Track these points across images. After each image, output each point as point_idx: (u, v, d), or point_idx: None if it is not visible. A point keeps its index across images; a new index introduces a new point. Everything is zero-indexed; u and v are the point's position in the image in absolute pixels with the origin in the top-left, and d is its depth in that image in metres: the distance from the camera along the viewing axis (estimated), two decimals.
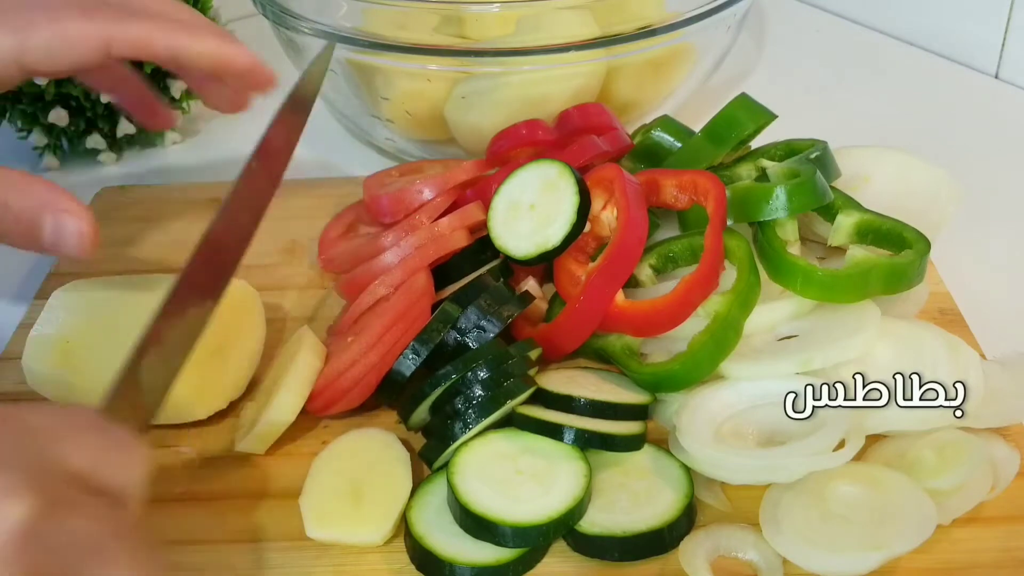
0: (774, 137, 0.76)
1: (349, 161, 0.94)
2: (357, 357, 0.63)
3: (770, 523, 0.56)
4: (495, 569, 0.55)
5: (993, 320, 0.71)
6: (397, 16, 0.82)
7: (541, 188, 0.68)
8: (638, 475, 0.59)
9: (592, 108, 0.78)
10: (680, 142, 0.78)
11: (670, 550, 0.56)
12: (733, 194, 0.68)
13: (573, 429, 0.59)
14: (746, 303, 0.63)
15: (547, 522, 0.55)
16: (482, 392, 0.59)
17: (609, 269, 0.65)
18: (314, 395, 0.63)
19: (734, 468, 0.58)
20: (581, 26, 0.80)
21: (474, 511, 0.55)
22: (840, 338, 0.62)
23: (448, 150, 0.89)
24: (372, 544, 0.57)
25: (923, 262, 0.64)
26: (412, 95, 0.84)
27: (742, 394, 0.62)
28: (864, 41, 1.12)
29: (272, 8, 0.85)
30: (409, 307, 0.65)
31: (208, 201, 0.86)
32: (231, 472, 0.63)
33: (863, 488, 0.56)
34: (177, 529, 0.59)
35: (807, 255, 0.68)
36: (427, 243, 0.70)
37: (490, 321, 0.64)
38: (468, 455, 0.58)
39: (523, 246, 0.68)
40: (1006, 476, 0.59)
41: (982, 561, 0.55)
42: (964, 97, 1.01)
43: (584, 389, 0.62)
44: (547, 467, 0.58)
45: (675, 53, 0.86)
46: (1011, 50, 1.00)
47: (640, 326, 0.64)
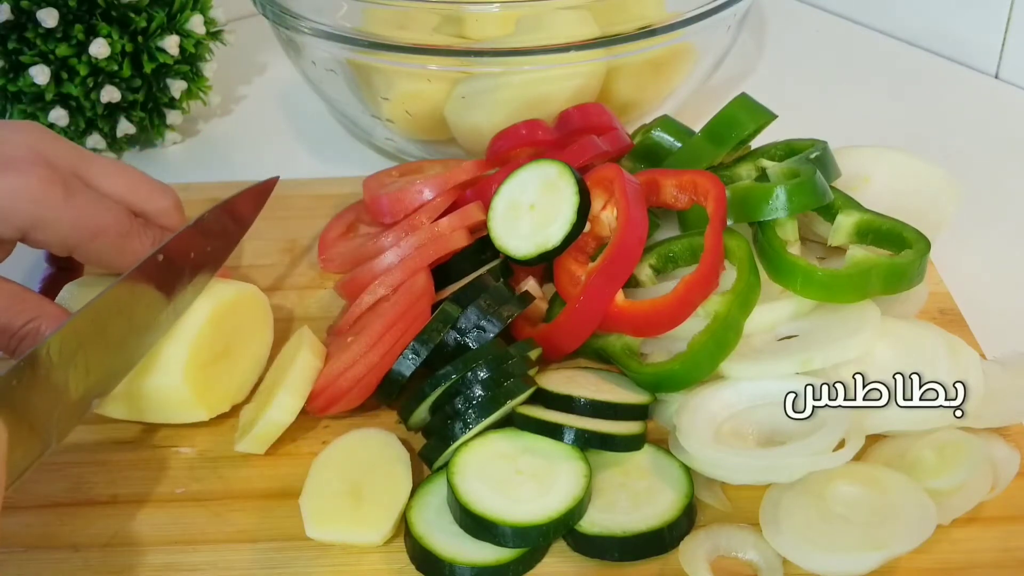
0: (774, 137, 0.76)
1: (349, 161, 0.94)
2: (357, 357, 0.63)
3: (770, 523, 0.56)
4: (495, 569, 0.55)
5: (993, 320, 0.71)
6: (397, 16, 0.82)
7: (541, 188, 0.68)
8: (638, 475, 0.59)
9: (592, 108, 0.78)
10: (680, 142, 0.78)
11: (670, 550, 0.56)
12: (733, 194, 0.68)
13: (573, 429, 0.59)
14: (746, 303, 0.63)
15: (547, 522, 0.55)
16: (482, 392, 0.59)
17: (609, 269, 0.65)
18: (314, 395, 0.63)
19: (734, 468, 0.58)
20: (581, 26, 0.80)
21: (474, 511, 0.55)
22: (840, 338, 0.62)
23: (448, 150, 0.89)
24: (372, 544, 0.57)
25: (923, 262, 0.64)
26: (412, 95, 0.84)
27: (742, 394, 0.62)
28: (864, 41, 1.12)
29: (272, 8, 0.85)
30: (409, 307, 0.65)
31: (208, 201, 0.86)
32: (231, 472, 0.62)
33: (863, 488, 0.56)
34: (177, 529, 0.59)
35: (807, 255, 0.68)
36: (427, 243, 0.70)
37: (490, 321, 0.64)
38: (468, 455, 0.58)
39: (523, 246, 0.68)
40: (1006, 476, 0.59)
41: (982, 561, 0.55)
42: (964, 97, 1.01)
43: (584, 389, 0.62)
44: (547, 467, 0.58)
45: (675, 53, 0.86)
46: (1011, 50, 1.00)
47: (640, 326, 0.64)
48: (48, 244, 0.62)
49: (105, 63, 0.87)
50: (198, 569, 0.57)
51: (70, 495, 0.61)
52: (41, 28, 0.85)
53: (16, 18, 0.85)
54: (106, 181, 0.64)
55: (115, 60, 0.87)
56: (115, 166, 0.65)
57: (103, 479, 0.62)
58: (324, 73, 0.87)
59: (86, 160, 0.64)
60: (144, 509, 0.60)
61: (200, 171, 0.94)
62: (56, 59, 0.86)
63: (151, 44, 0.89)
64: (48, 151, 0.62)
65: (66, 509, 0.60)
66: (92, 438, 0.64)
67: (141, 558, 0.57)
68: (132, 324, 0.60)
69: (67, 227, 0.61)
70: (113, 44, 0.86)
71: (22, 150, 0.61)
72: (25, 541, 0.58)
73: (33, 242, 0.62)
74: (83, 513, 0.60)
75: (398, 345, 0.64)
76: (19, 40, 0.85)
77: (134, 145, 0.97)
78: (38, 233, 0.61)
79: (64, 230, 0.61)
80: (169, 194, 0.67)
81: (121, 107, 0.91)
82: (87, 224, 0.61)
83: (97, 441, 0.64)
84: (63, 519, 0.60)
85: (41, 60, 0.86)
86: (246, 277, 0.78)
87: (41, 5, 0.84)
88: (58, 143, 0.63)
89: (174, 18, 0.90)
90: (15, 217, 0.60)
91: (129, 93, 0.90)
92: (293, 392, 0.62)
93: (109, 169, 0.65)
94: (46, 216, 0.60)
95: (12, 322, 0.59)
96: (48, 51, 0.85)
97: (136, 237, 0.64)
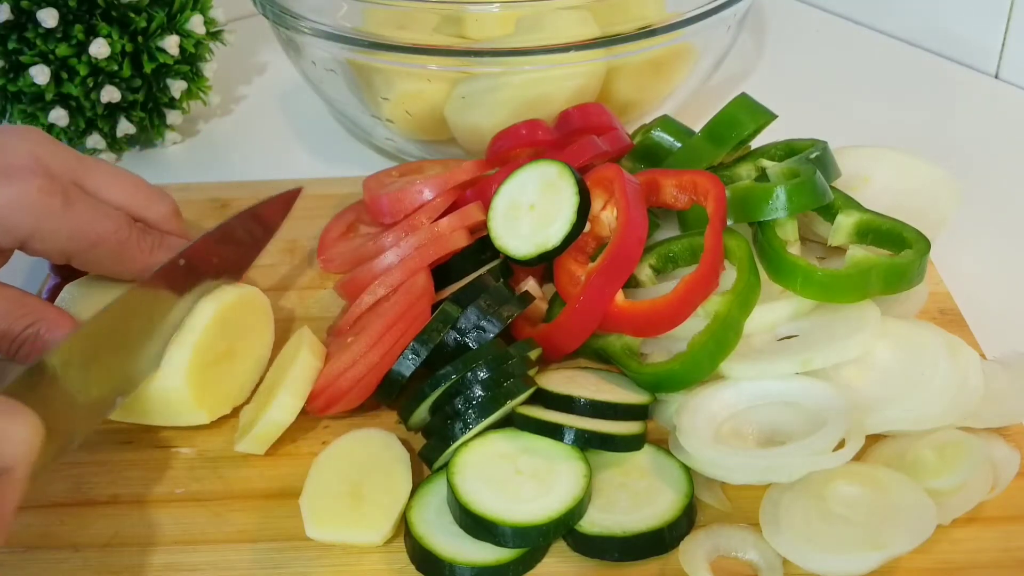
0: (774, 137, 0.76)
1: (349, 161, 0.94)
2: (357, 357, 0.63)
3: (770, 523, 0.56)
4: (495, 569, 0.55)
5: (993, 320, 0.71)
6: (397, 16, 0.82)
7: (541, 188, 0.68)
8: (638, 475, 0.59)
9: (592, 108, 0.78)
10: (680, 142, 0.78)
11: (670, 550, 0.56)
12: (733, 194, 0.68)
13: (573, 429, 0.59)
14: (746, 303, 0.63)
15: (547, 522, 0.55)
16: (482, 392, 0.59)
17: (609, 269, 0.65)
18: (314, 395, 0.63)
19: (734, 468, 0.58)
20: (581, 26, 0.80)
21: (474, 511, 0.55)
22: (840, 338, 0.62)
23: (448, 150, 0.89)
24: (372, 544, 0.57)
25: (923, 262, 0.64)
26: (412, 95, 0.84)
27: (742, 394, 0.62)
28: (864, 41, 1.12)
29: (272, 8, 0.85)
30: (409, 307, 0.65)
31: (208, 201, 0.86)
32: (231, 472, 0.63)
33: (863, 488, 0.56)
34: (177, 529, 0.59)
35: (807, 255, 0.68)
36: (427, 243, 0.70)
37: (490, 321, 0.64)
38: (468, 455, 0.58)
39: (523, 247, 0.68)
40: (1006, 476, 0.59)
41: (982, 561, 0.55)
42: (964, 97, 1.01)
43: (584, 389, 0.62)
44: (547, 467, 0.58)
45: (675, 53, 0.86)
46: (1011, 50, 1.00)
47: (640, 326, 0.64)
48: (46, 253, 0.62)
49: (105, 63, 0.87)
50: (198, 569, 0.57)
51: (70, 495, 0.61)
52: (41, 28, 0.85)
53: (16, 18, 0.85)
54: (105, 188, 0.64)
55: (115, 60, 0.87)
56: (114, 172, 0.65)
57: (103, 479, 0.62)
58: (324, 73, 0.87)
59: (85, 166, 0.64)
60: (144, 509, 0.60)
61: (200, 171, 0.94)
62: (56, 59, 0.86)
63: (151, 44, 0.89)
64: (48, 158, 0.62)
65: (66, 509, 0.60)
66: (92, 438, 0.64)
67: (141, 558, 0.57)
68: (151, 326, 0.61)
69: (65, 237, 0.61)
70: (113, 44, 0.86)
71: (22, 158, 0.61)
72: (25, 541, 0.59)
73: (31, 251, 0.62)
74: (83, 513, 0.60)
75: (398, 345, 0.64)
76: (19, 40, 0.85)
77: (134, 145, 0.97)
78: (36, 243, 0.61)
79: (62, 240, 0.61)
80: (167, 200, 0.67)
81: (121, 107, 0.91)
82: (86, 233, 0.61)
83: (97, 441, 0.64)
84: (63, 519, 0.60)
85: (41, 60, 0.86)
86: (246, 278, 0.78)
87: (41, 5, 0.84)
88: (58, 149, 0.63)
89: (174, 18, 0.90)
90: (14, 228, 0.60)
91: (129, 93, 0.90)
92: (293, 392, 0.62)
93: (108, 176, 0.65)
94: (44, 227, 0.60)
95: (12, 327, 0.60)
96: (48, 51, 0.85)
97: (135, 244, 0.64)
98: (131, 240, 0.63)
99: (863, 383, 0.62)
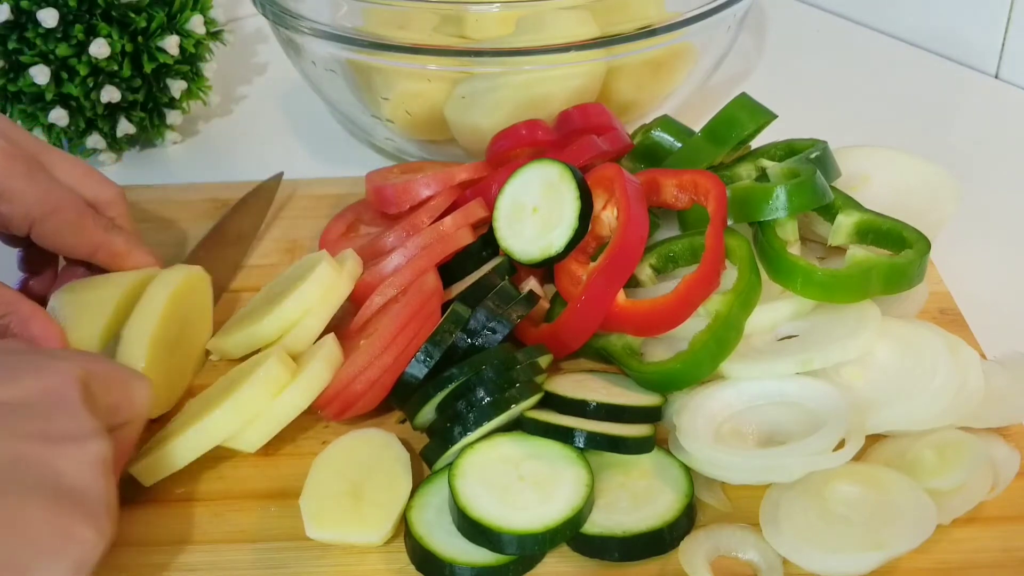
0: (774, 137, 0.76)
1: (349, 161, 0.94)
2: (371, 359, 0.63)
3: (770, 523, 0.56)
4: (495, 569, 0.55)
5: (993, 320, 0.71)
6: (397, 16, 0.82)
7: (543, 190, 0.68)
8: (638, 475, 0.59)
9: (592, 108, 0.78)
10: (680, 142, 0.78)
11: (670, 550, 0.56)
12: (733, 194, 0.68)
13: (584, 433, 0.58)
14: (747, 303, 0.63)
15: (544, 531, 0.54)
16: (485, 396, 0.59)
17: (610, 269, 0.64)
18: (327, 399, 0.63)
19: (734, 468, 0.58)
20: (581, 26, 0.80)
21: (471, 515, 0.55)
22: (840, 338, 0.62)
23: (448, 150, 0.89)
24: (372, 544, 0.57)
25: (923, 262, 0.64)
26: (412, 95, 0.84)
27: (742, 394, 0.62)
28: (864, 41, 1.12)
29: (272, 8, 0.85)
30: (421, 307, 0.64)
31: (208, 201, 0.86)
32: (231, 472, 0.62)
33: (863, 488, 0.56)
34: (177, 529, 0.59)
35: (807, 255, 0.68)
36: (433, 243, 0.70)
37: (499, 322, 0.64)
38: (472, 457, 0.58)
39: (528, 250, 0.68)
40: (1006, 476, 0.59)
41: (982, 561, 0.55)
42: (964, 97, 1.01)
43: (596, 393, 0.62)
44: (550, 474, 0.57)
45: (675, 53, 0.86)
46: (1011, 50, 1.00)
47: (641, 326, 0.64)
48: (11, 216, 0.65)
49: (105, 63, 0.87)
50: (198, 569, 0.57)
51: None
52: (41, 28, 0.84)
53: (16, 18, 0.85)
54: (59, 168, 0.67)
55: (115, 60, 0.87)
56: (67, 156, 0.69)
57: None
58: (324, 73, 0.87)
59: (44, 148, 0.68)
60: (144, 509, 0.60)
61: (200, 171, 0.94)
62: (56, 59, 0.86)
63: (151, 44, 0.89)
64: (10, 132, 0.66)
65: None
66: None
67: (141, 558, 0.57)
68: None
69: (31, 199, 0.64)
70: (113, 44, 0.86)
71: None
72: None
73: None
74: None
75: (411, 346, 0.63)
76: (19, 40, 0.85)
77: (134, 145, 0.97)
78: (3, 204, 0.64)
79: (28, 202, 0.64)
80: (115, 186, 0.70)
81: (121, 107, 0.91)
82: (48, 199, 0.65)
83: None
84: None
85: (41, 60, 0.85)
86: (246, 277, 0.78)
87: (41, 5, 0.84)
88: (19, 129, 0.67)
89: (174, 18, 0.90)
90: None
91: (129, 93, 0.90)
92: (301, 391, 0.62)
93: (62, 158, 0.68)
94: (12, 186, 0.64)
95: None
96: (48, 51, 0.85)
97: (91, 219, 0.67)
98: (88, 214, 0.67)
99: (863, 383, 0.62)
